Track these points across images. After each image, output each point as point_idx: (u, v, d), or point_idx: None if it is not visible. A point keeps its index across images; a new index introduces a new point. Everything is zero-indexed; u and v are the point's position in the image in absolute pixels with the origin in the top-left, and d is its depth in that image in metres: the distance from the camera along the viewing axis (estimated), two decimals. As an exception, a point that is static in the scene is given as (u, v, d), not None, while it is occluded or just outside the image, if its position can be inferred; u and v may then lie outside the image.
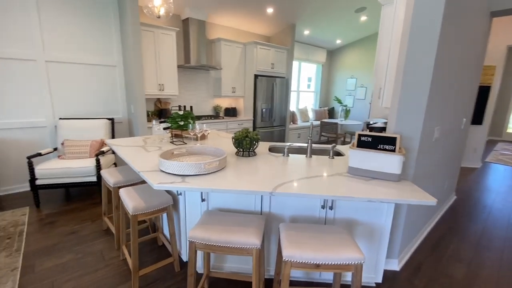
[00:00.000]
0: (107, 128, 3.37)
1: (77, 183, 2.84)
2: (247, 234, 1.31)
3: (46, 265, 1.91)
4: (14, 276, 1.78)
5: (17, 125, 3.08)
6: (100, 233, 2.35)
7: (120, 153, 1.97)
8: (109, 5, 3.48)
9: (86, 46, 3.40)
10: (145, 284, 1.75)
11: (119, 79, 3.72)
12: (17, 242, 2.16)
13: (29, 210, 2.74)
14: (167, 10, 1.95)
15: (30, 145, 3.20)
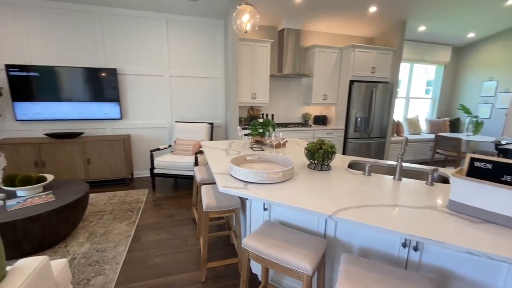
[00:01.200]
0: (207, 131, 3.91)
1: (180, 175, 3.42)
2: (300, 256, 1.20)
3: (148, 238, 2.39)
4: (127, 242, 2.32)
5: (147, 125, 4.03)
6: (189, 221, 2.74)
7: (206, 153, 2.24)
8: (217, 28, 4.05)
9: (197, 63, 4.08)
10: (212, 276, 1.91)
11: (221, 89, 4.26)
12: (135, 216, 2.81)
13: (147, 192, 3.52)
14: (253, 24, 2.08)
15: (153, 141, 4.12)
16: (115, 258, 2.07)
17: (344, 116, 4.51)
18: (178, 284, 1.82)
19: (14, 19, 3.31)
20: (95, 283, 1.80)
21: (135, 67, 3.83)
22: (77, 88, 3.58)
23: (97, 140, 3.51)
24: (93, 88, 3.64)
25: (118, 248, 2.21)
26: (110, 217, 2.75)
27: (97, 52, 3.65)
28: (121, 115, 3.83)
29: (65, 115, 3.62)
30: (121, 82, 3.81)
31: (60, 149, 3.40)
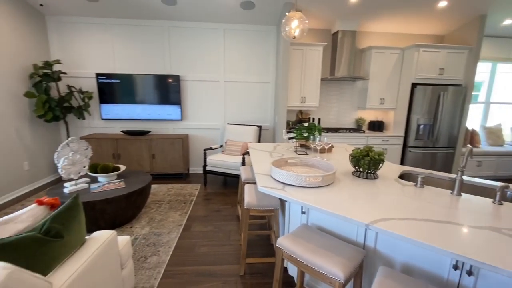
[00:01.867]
0: (256, 134, 4.05)
1: (229, 174, 3.64)
2: (333, 262, 1.19)
3: (197, 229, 2.63)
4: (179, 229, 2.59)
5: (203, 126, 4.40)
6: (233, 217, 2.90)
7: (251, 154, 2.35)
8: (270, 34, 4.18)
9: (249, 68, 4.27)
10: (250, 271, 2.00)
11: (271, 93, 4.37)
12: (187, 207, 3.11)
13: (200, 187, 3.83)
14: (302, 30, 2.11)
15: (207, 141, 4.46)
16: (168, 243, 2.34)
17: (403, 122, 4.13)
18: (219, 274, 1.96)
19: (104, 36, 4.02)
20: (150, 262, 2.07)
21: (195, 73, 4.24)
22: (147, 93, 4.15)
23: (161, 138, 4.00)
24: (160, 93, 4.16)
25: (171, 234, 2.48)
26: (167, 207, 3.10)
27: (164, 60, 4.16)
28: (182, 116, 4.27)
29: (137, 116, 4.23)
30: (183, 87, 4.25)
31: (132, 144, 3.98)
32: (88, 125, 4.27)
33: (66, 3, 3.55)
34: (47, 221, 1.17)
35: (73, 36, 4.00)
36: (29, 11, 3.58)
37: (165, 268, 2.01)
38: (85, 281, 1.20)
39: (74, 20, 3.94)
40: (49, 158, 3.97)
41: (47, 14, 3.87)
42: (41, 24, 3.82)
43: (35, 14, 3.70)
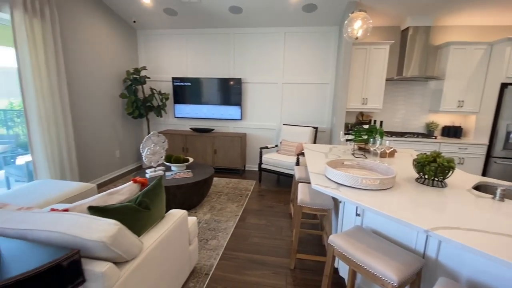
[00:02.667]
0: (311, 135, 4.06)
1: (283, 172, 3.75)
2: (386, 265, 1.18)
3: (251, 221, 2.81)
4: (235, 219, 2.81)
5: (260, 126, 4.61)
6: (286, 214, 2.99)
7: (306, 155, 2.41)
8: (331, 34, 4.12)
9: (308, 69, 4.29)
10: (300, 267, 2.06)
11: (329, 94, 4.30)
12: (243, 200, 3.34)
13: (255, 183, 4.04)
14: (365, 30, 2.06)
15: (263, 140, 4.65)
16: (226, 230, 2.58)
17: (488, 128, 3.56)
18: (270, 264, 2.09)
19: (180, 44, 4.60)
20: (211, 244, 2.33)
21: (255, 76, 4.48)
22: (212, 94, 4.57)
23: (222, 135, 4.36)
24: (223, 94, 4.53)
25: (229, 223, 2.72)
26: (225, 198, 3.39)
27: (228, 65, 4.52)
28: (241, 116, 4.57)
29: (203, 115, 4.70)
30: (244, 89, 4.54)
31: (198, 140, 4.45)
32: (163, 122, 4.94)
33: (153, 18, 4.20)
34: (140, 195, 1.48)
35: (156, 46, 4.70)
36: (125, 26, 4.37)
37: (223, 252, 2.24)
38: (164, 247, 1.46)
39: (157, 33, 4.62)
40: (133, 148, 4.75)
41: (138, 29, 4.64)
42: (133, 37, 4.61)
43: (129, 29, 4.48)
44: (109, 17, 3.95)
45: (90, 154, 3.72)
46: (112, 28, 4.04)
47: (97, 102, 3.83)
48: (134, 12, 4.07)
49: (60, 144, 3.11)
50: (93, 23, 3.66)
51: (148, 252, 1.30)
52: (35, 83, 2.78)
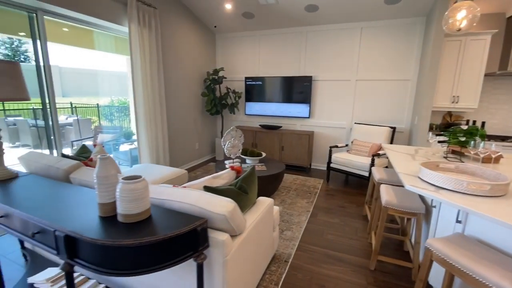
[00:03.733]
0: (387, 135, 3.81)
1: (354, 173, 3.63)
2: (501, 275, 1.08)
3: (322, 218, 2.84)
4: (307, 215, 2.88)
5: (328, 124, 4.54)
6: (359, 216, 2.92)
7: (389, 155, 2.31)
8: (415, 27, 3.77)
9: (385, 65, 4.02)
10: (380, 269, 2.01)
11: (410, 92, 3.96)
12: (312, 197, 3.38)
13: (322, 182, 4.03)
14: (471, 20, 1.85)
15: (332, 139, 4.57)
16: (299, 223, 2.68)
17: None
18: (348, 262, 2.09)
19: (253, 45, 4.86)
20: (286, 234, 2.46)
21: (326, 73, 4.43)
22: (281, 92, 4.70)
23: (290, 133, 4.46)
24: (292, 92, 4.62)
25: (301, 217, 2.81)
26: (294, 193, 3.48)
27: (299, 63, 4.58)
28: (309, 114, 4.58)
29: (272, 112, 4.88)
30: (314, 87, 4.54)
31: (266, 136, 4.66)
32: (235, 118, 5.31)
33: (231, 23, 4.55)
34: (239, 181, 1.68)
35: (231, 48, 5.07)
36: (206, 32, 4.84)
37: (299, 243, 2.34)
38: (258, 228, 1.64)
39: (233, 36, 4.98)
40: (209, 142, 5.25)
41: (217, 33, 5.09)
42: (212, 40, 5.07)
43: (210, 34, 4.95)
44: (195, 24, 4.45)
45: (177, 144, 4.28)
46: (197, 34, 4.54)
47: (183, 100, 4.37)
48: (215, 18, 4.48)
49: (157, 135, 3.67)
50: (183, 31, 4.19)
51: (249, 230, 1.48)
52: (143, 84, 3.35)
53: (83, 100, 7.86)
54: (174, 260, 1.10)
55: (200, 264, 1.18)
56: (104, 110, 8.29)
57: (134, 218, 1.13)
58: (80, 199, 1.37)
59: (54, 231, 1.09)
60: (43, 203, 1.31)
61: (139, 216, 1.14)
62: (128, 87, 5.38)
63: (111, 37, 3.45)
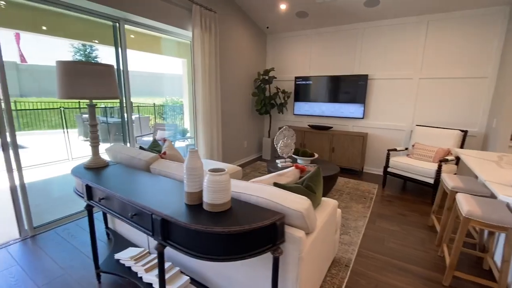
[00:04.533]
0: (457, 139, 3.43)
1: (415, 179, 3.35)
2: None
3: (382, 225, 2.68)
4: (364, 220, 2.75)
5: (384, 126, 4.26)
6: (424, 226, 2.68)
7: (467, 162, 2.08)
8: (496, 17, 3.32)
9: (456, 62, 3.62)
10: (456, 286, 1.82)
11: (486, 91, 3.50)
12: (368, 203, 3.21)
13: (377, 187, 3.80)
14: None
15: (388, 141, 4.28)
16: (356, 228, 2.57)
17: None
18: (417, 274, 1.94)
19: (304, 44, 4.81)
20: (344, 239, 2.38)
21: (384, 71, 4.17)
22: (333, 92, 4.56)
23: (342, 134, 4.31)
24: (345, 92, 4.45)
25: (358, 222, 2.69)
26: (347, 197, 3.35)
27: (354, 61, 4.39)
28: (364, 115, 4.36)
29: (322, 112, 4.76)
30: (370, 86, 4.30)
31: (315, 137, 4.57)
32: (283, 118, 5.32)
33: (283, 23, 4.57)
34: (305, 180, 1.68)
35: (282, 48, 5.09)
36: (258, 33, 4.93)
37: (358, 249, 2.24)
38: (325, 228, 1.61)
39: (284, 35, 4.99)
40: (256, 140, 5.35)
41: (268, 33, 5.16)
42: (264, 41, 5.15)
43: (261, 35, 5.03)
44: (247, 26, 4.57)
45: (228, 142, 4.45)
46: (249, 35, 4.65)
47: (235, 100, 4.53)
48: (268, 19, 4.54)
49: (213, 133, 3.86)
50: (237, 33, 4.33)
51: (319, 229, 1.47)
52: (203, 85, 3.56)
53: (140, 100, 8.58)
54: (256, 251, 1.14)
55: (277, 258, 1.21)
56: (159, 109, 9.01)
57: (218, 208, 1.21)
58: (164, 187, 1.52)
59: (151, 214, 1.23)
60: (135, 189, 1.48)
61: (222, 206, 1.21)
62: (183, 88, 5.76)
63: (170, 41, 3.74)
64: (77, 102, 7.79)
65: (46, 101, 6.99)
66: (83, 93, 1.60)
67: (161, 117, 9.20)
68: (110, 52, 2.98)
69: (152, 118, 8.29)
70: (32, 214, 2.36)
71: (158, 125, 5.94)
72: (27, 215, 2.32)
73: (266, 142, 5.23)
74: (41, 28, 2.58)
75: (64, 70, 1.58)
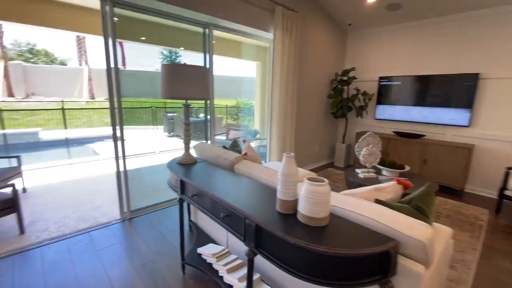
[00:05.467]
0: None
1: (552, 210, 2.53)
2: None
3: (500, 263, 2.09)
4: (474, 254, 2.20)
5: (501, 137, 3.39)
6: None
7: None
8: None
9: None
10: None
11: None
12: (477, 232, 2.58)
13: (487, 212, 3.04)
14: None
15: (507, 157, 3.38)
16: (464, 262, 2.07)
17: None
18: None
19: (394, 39, 4.26)
20: (450, 274, 1.93)
21: (502, 70, 3.32)
22: (427, 94, 3.89)
23: (438, 144, 3.63)
24: (445, 94, 3.73)
25: (465, 255, 2.17)
26: (447, 220, 2.78)
27: (457, 57, 3.65)
28: (469, 122, 3.58)
29: (411, 118, 4.13)
30: (481, 87, 3.50)
31: (402, 145, 3.98)
32: (361, 123, 4.86)
33: (369, 18, 4.14)
34: (413, 199, 1.39)
35: (364, 46, 4.64)
36: (338, 30, 4.61)
37: (472, 291, 1.79)
38: (439, 263, 1.30)
39: (368, 32, 4.53)
40: (328, 145, 5.03)
41: (349, 30, 4.78)
42: (343, 40, 4.79)
43: (340, 32, 4.69)
44: (327, 24, 4.31)
45: (299, 145, 4.30)
46: (328, 34, 4.39)
47: (310, 102, 4.34)
48: (351, 15, 4.19)
49: (286, 135, 3.77)
50: (316, 32, 4.13)
51: (435, 263, 1.18)
52: (281, 87, 3.50)
53: (214, 101, 9.07)
54: (361, 281, 0.97)
55: (386, 293, 1.00)
56: (231, 110, 9.48)
57: (316, 222, 1.07)
58: (252, 190, 1.47)
59: (244, 218, 1.18)
60: (225, 189, 1.48)
61: (321, 221, 1.08)
62: (255, 90, 5.85)
63: (247, 45, 3.82)
64: (164, 102, 8.82)
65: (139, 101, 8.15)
66: (183, 93, 1.70)
67: (232, 117, 9.68)
68: (192, 57, 3.22)
69: (224, 118, 8.79)
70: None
71: (230, 125, 6.22)
72: (127, 199, 2.66)
73: (340, 148, 4.85)
74: (140, 38, 2.97)
75: (168, 71, 1.70)
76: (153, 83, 5.43)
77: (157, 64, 10.48)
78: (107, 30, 2.30)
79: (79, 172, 4.30)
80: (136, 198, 2.78)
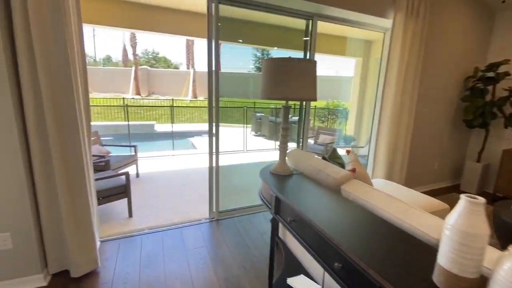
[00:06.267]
0: None
1: None
2: None
3: None
4: None
5: None
6: None
7: None
8: None
9: None
10: None
11: None
12: None
13: None
14: None
15: None
16: None
17: None
18: None
19: None
20: None
21: None
22: None
23: None
24: None
25: None
26: None
27: None
28: None
29: None
30: None
31: None
32: (509, 136, 3.50)
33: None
34: None
35: (528, 28, 3.28)
36: (481, 12, 3.41)
37: None
38: None
39: (540, 7, 3.17)
40: (453, 162, 3.86)
41: (500, 11, 3.50)
42: (488, 24, 3.54)
43: (486, 15, 3.46)
44: (468, 4, 3.23)
45: (414, 160, 3.41)
46: (466, 17, 3.29)
47: (433, 106, 3.39)
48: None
49: (397, 146, 3.03)
50: (450, 16, 3.15)
51: None
52: (397, 85, 2.80)
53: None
54: None
55: None
56: (319, 112, 8.84)
57: None
58: (376, 231, 1.03)
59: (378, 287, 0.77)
60: (334, 220, 1.09)
61: None
62: (351, 90, 5.10)
63: (349, 39, 3.25)
64: (253, 102, 9.02)
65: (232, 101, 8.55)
66: (291, 93, 1.41)
67: (320, 119, 9.04)
68: (288, 56, 2.94)
69: (311, 120, 8.27)
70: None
71: (321, 128, 5.71)
72: (216, 198, 2.62)
73: (472, 168, 3.63)
74: (238, 40, 2.89)
75: (270, 68, 1.44)
76: (246, 84, 5.51)
77: (251, 65, 10.84)
78: (212, 29, 2.27)
79: (178, 163, 4.75)
80: (224, 198, 2.72)
